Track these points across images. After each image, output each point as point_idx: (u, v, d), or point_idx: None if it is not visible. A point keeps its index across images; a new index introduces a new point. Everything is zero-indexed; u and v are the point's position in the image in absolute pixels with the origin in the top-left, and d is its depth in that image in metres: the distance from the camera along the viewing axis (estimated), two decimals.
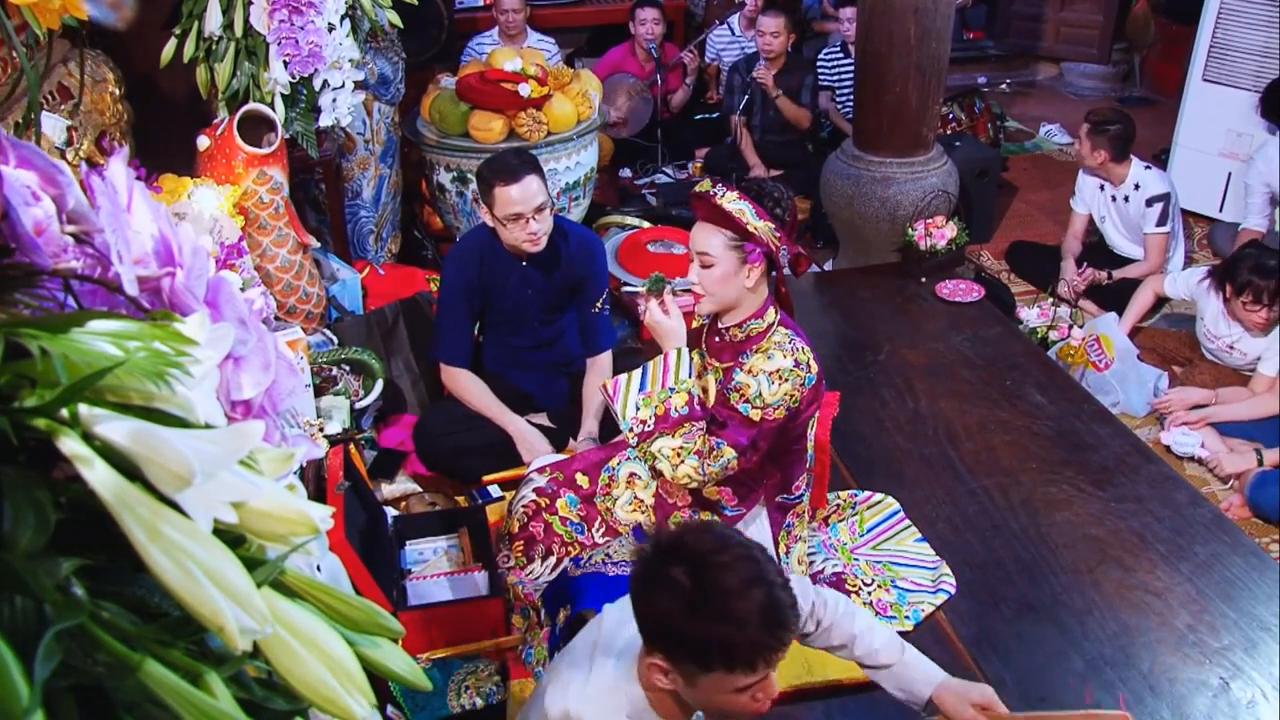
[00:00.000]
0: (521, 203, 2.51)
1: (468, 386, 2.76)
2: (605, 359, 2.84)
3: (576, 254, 2.74)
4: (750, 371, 2.01)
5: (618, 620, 1.54)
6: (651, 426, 2.03)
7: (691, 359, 2.09)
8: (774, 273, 2.06)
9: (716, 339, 2.13)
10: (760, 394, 1.99)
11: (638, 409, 2.04)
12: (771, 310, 2.08)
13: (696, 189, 2.01)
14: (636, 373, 2.09)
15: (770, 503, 2.17)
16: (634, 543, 2.22)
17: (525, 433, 2.75)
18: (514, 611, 2.24)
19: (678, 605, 1.29)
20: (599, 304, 2.80)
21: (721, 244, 1.99)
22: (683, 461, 2.02)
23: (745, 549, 1.34)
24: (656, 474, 2.17)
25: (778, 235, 1.98)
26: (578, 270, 2.75)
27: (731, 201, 1.95)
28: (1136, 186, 3.90)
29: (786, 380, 2.00)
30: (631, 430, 2.05)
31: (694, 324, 2.21)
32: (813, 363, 2.05)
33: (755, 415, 2.00)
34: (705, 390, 2.12)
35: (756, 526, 2.18)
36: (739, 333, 2.07)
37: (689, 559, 1.31)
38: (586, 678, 1.47)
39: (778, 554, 2.17)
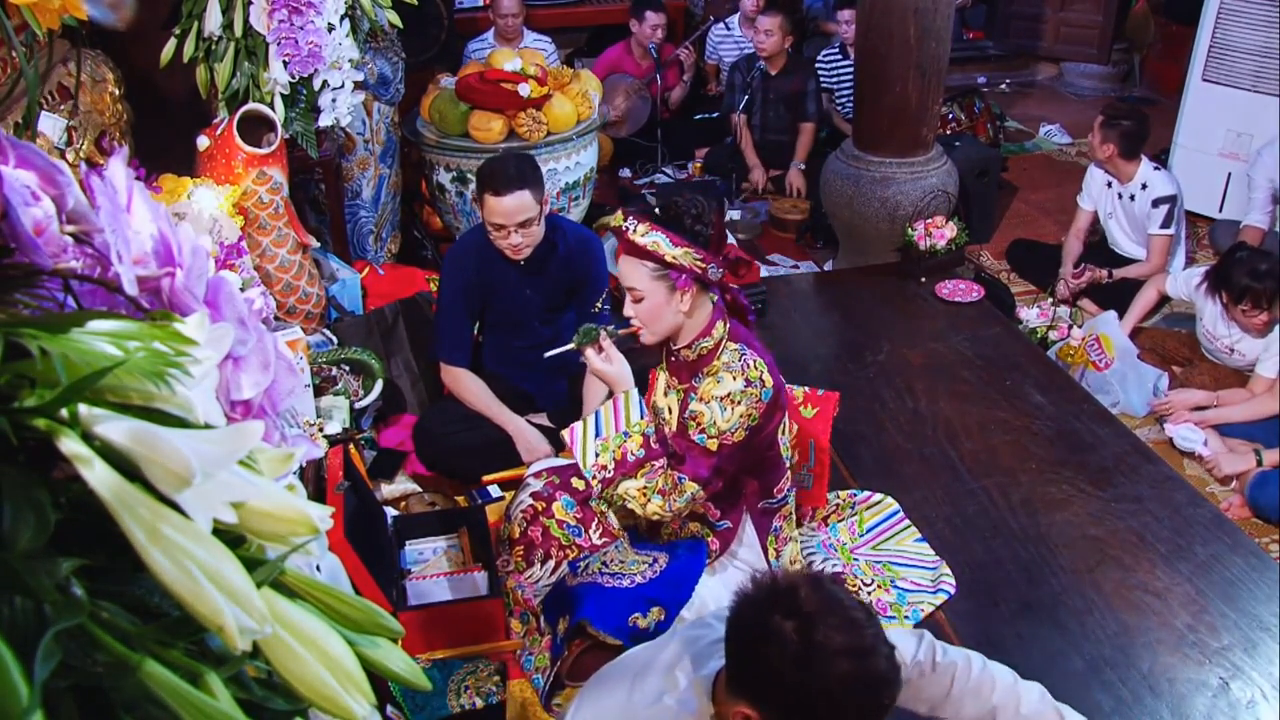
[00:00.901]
0: (504, 216, 2.51)
1: (468, 386, 2.76)
2: None
3: (575, 254, 2.74)
4: (702, 399, 1.97)
5: (652, 651, 1.54)
6: (612, 472, 2.02)
7: (642, 400, 2.07)
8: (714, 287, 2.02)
9: (673, 359, 2.11)
10: (715, 422, 1.95)
11: (596, 455, 2.03)
12: (720, 325, 2.03)
13: (610, 223, 1.98)
14: (591, 419, 2.07)
15: (754, 510, 2.15)
16: (629, 547, 2.22)
17: (525, 432, 2.75)
18: (512, 616, 2.24)
19: (786, 661, 1.26)
20: (598, 304, 2.80)
21: (646, 276, 1.96)
22: (649, 501, 2.01)
23: (855, 613, 1.30)
24: (628, 513, 2.16)
25: (699, 256, 1.92)
26: (576, 270, 2.75)
27: (644, 235, 1.92)
28: (1144, 186, 3.90)
29: (739, 403, 1.95)
30: (594, 477, 2.04)
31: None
32: (766, 376, 1.99)
33: (712, 445, 1.96)
34: (670, 410, 2.10)
35: (745, 535, 2.18)
36: (690, 353, 2.04)
37: (799, 614, 1.28)
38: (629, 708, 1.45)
39: (767, 559, 2.16)
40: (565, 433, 2.10)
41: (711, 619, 1.57)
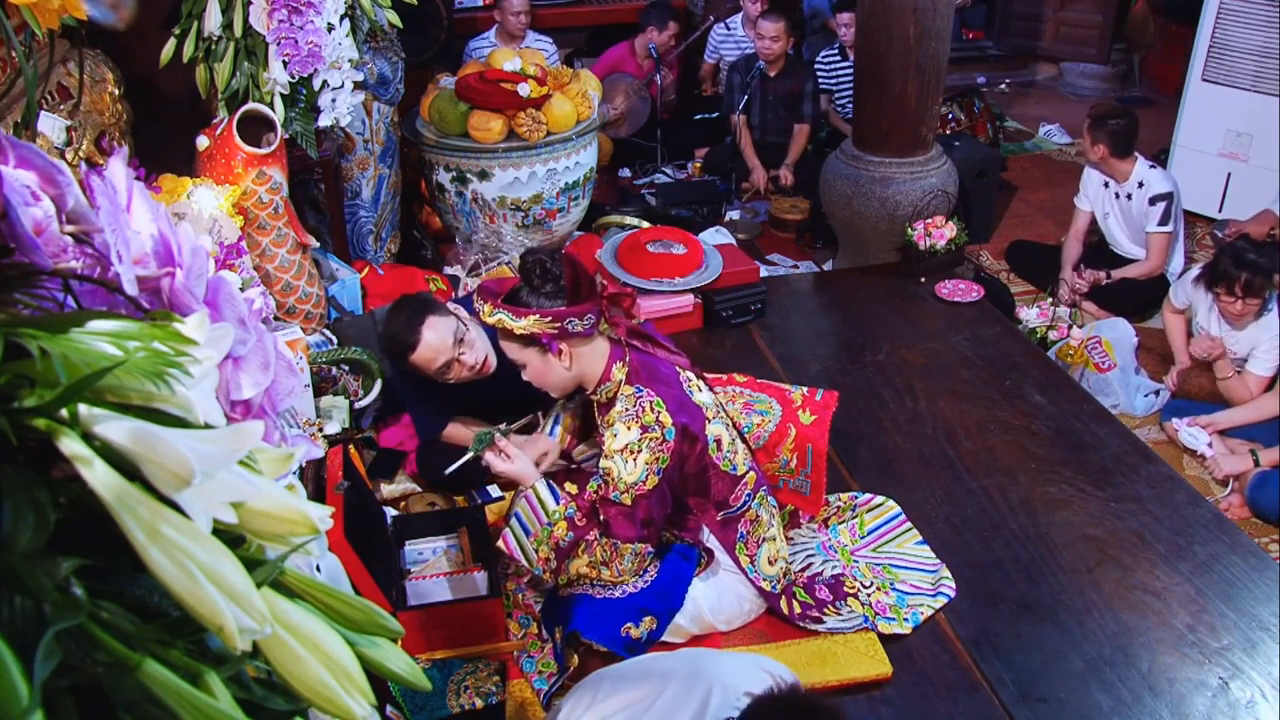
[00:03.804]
0: (437, 352, 2.42)
1: (451, 434, 2.69)
2: None
3: None
4: (607, 454, 1.98)
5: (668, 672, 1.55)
6: (556, 563, 2.03)
7: (553, 486, 2.07)
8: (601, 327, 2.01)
9: (594, 402, 2.12)
10: (621, 476, 1.95)
11: (537, 552, 2.03)
12: (617, 368, 2.02)
13: (474, 305, 2.01)
14: (515, 523, 2.07)
15: (713, 525, 2.14)
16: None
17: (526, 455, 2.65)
18: (511, 619, 2.24)
19: None
20: None
21: (515, 348, 2.00)
22: (599, 573, 2.03)
23: None
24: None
25: (550, 319, 1.92)
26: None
27: (491, 315, 1.95)
28: (1140, 184, 3.90)
29: (640, 451, 1.95)
30: (545, 573, 2.06)
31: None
32: (664, 416, 1.97)
33: (628, 500, 1.96)
34: (600, 442, 2.10)
35: (714, 547, 2.18)
36: (601, 397, 2.06)
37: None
38: None
39: (740, 567, 2.15)
40: (500, 543, 2.08)
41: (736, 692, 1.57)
